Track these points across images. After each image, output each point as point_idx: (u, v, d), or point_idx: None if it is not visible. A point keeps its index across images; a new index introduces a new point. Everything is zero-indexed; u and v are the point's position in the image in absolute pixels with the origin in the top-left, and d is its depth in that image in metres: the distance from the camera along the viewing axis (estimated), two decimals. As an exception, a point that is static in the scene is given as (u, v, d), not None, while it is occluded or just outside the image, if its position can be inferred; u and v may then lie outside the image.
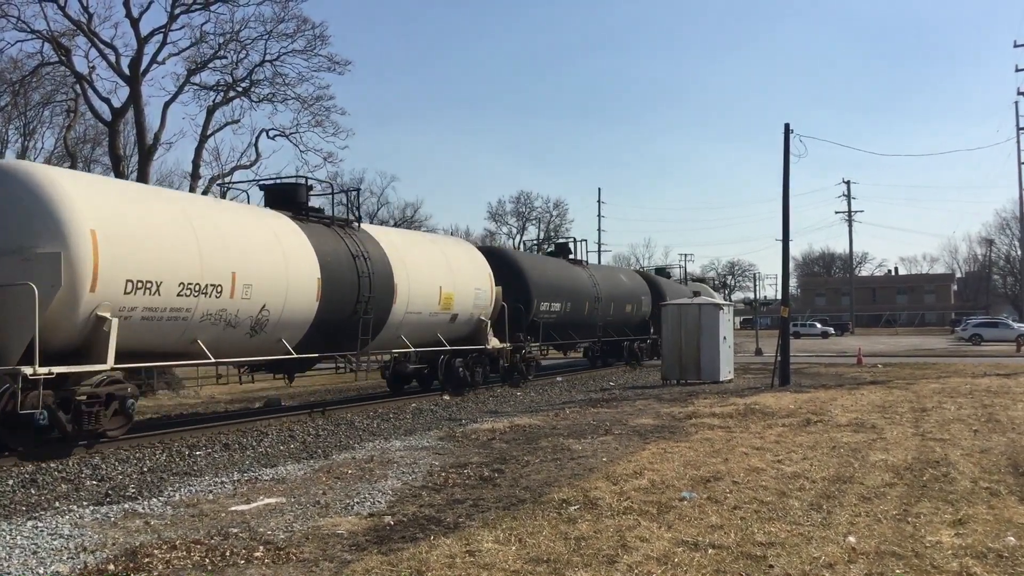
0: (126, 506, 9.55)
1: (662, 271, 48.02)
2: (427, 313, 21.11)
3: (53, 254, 12.26)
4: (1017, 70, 67.67)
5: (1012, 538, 7.61)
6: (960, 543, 7.47)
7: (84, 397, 12.75)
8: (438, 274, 21.63)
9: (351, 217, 20.44)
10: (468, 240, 49.33)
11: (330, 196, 20.60)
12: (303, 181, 19.85)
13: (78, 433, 12.97)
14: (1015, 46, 66.73)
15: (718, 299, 45.43)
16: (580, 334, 31.59)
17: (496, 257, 26.36)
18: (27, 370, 11.79)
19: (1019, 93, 67.80)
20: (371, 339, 19.10)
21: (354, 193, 21.72)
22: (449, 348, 22.28)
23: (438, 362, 22.39)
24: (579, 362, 38.58)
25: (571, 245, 34.60)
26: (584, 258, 35.46)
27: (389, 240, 20.75)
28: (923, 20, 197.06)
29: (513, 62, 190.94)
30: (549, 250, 34.19)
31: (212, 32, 39.27)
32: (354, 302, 18.29)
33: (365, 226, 20.62)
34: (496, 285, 24.43)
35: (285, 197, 18.78)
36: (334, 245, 18.12)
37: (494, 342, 24.13)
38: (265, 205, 18.73)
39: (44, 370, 11.97)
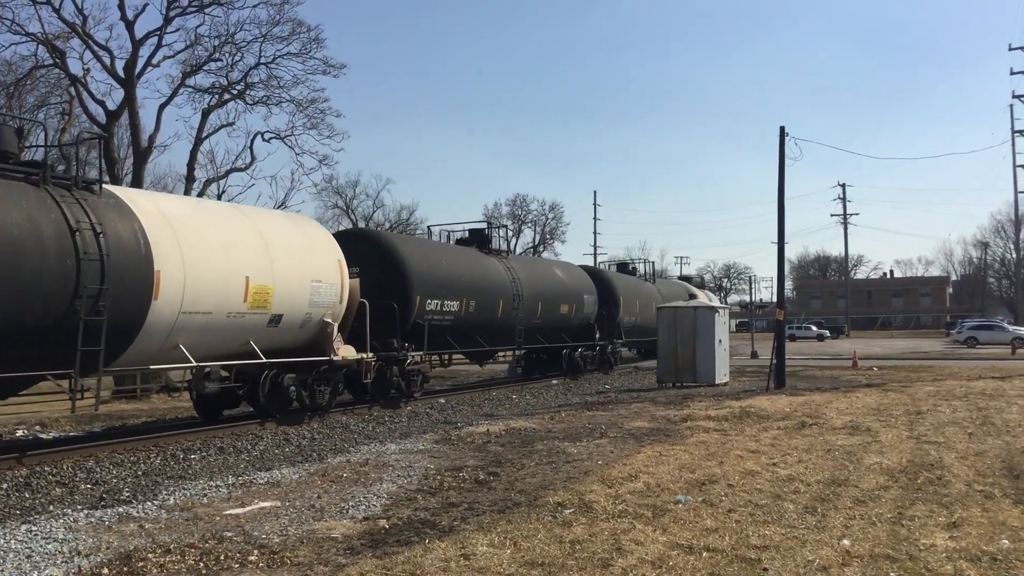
0: (120, 510, 9.53)
1: (624, 267, 42.00)
2: (224, 314, 15.04)
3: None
4: (1012, 73, 68.06)
5: (1006, 541, 7.63)
6: (954, 546, 7.48)
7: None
8: (246, 259, 15.60)
9: (92, 177, 14.50)
10: None
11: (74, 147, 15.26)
12: None
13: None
14: (1010, 49, 67.15)
15: (702, 296, 45.09)
16: (493, 340, 25.42)
17: (357, 240, 21.00)
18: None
19: (1014, 96, 68.17)
20: (106, 352, 13.02)
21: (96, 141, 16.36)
22: (270, 361, 16.45)
23: (260, 380, 16.57)
24: (500, 377, 32.14)
25: (489, 231, 27.65)
26: (506, 247, 29.79)
27: (155, 210, 14.38)
28: (918, 23, 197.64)
29: (509, 64, 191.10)
30: (462, 236, 27.25)
31: (207, 35, 39.26)
32: (69, 298, 12.40)
33: (116, 188, 14.90)
34: (353, 277, 18.92)
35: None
36: (28, 212, 12.21)
37: (345, 351, 18.31)
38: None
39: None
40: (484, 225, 28.45)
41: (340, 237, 19.91)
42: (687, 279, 54.93)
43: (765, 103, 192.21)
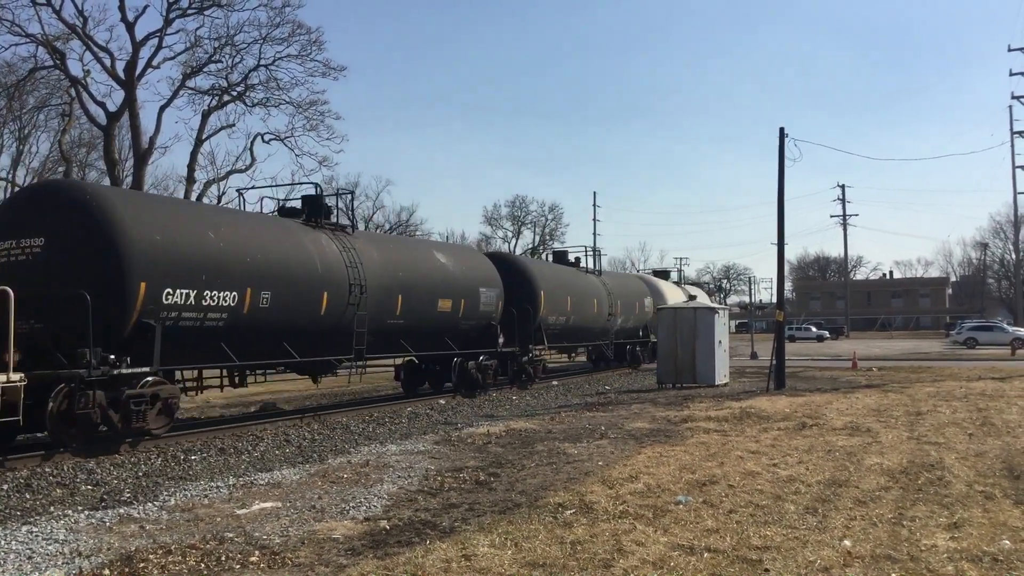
0: (121, 511, 9.53)
1: (562, 257, 33.23)
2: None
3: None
4: (1012, 74, 68.11)
5: (1007, 541, 7.63)
6: (955, 546, 7.48)
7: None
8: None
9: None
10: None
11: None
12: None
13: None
14: (1010, 50, 67.09)
15: (673, 293, 40.83)
16: (316, 346, 18.09)
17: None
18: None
19: (1014, 97, 68.22)
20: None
21: None
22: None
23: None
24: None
25: (325, 199, 19.93)
26: (351, 220, 22.28)
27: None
28: (917, 24, 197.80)
29: (508, 65, 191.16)
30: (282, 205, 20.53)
31: (207, 37, 39.35)
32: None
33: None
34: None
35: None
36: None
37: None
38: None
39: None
40: (318, 191, 20.21)
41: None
42: (662, 273, 47.99)
43: (764, 104, 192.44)
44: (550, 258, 34.72)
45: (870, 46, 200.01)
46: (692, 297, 41.41)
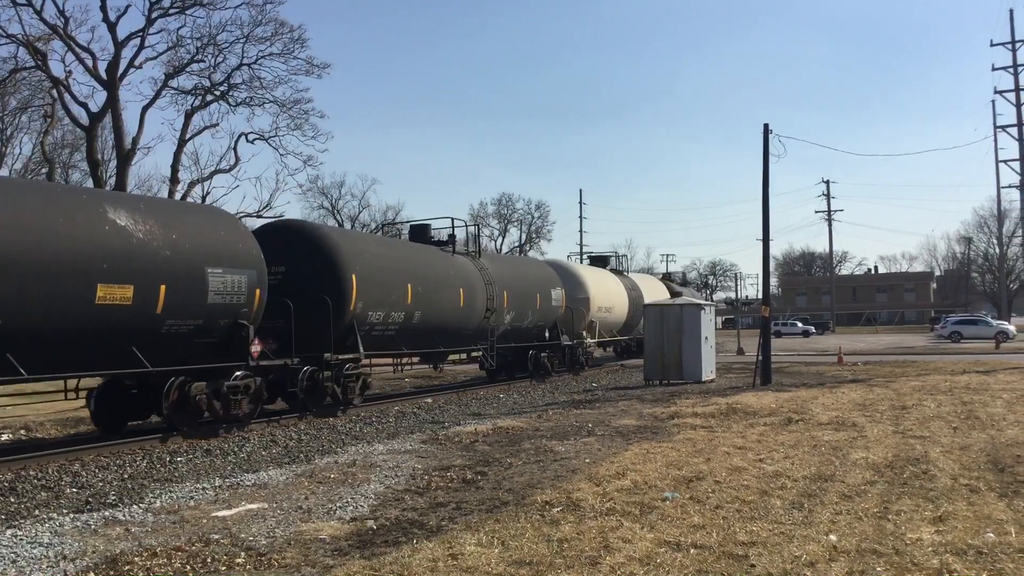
0: (106, 513, 9.48)
1: (422, 234, 25.65)
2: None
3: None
4: (994, 69, 68.40)
5: (991, 534, 7.67)
6: (940, 540, 7.52)
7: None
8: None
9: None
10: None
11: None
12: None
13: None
14: (992, 45, 67.55)
15: (594, 284, 33.43)
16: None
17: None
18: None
19: (996, 92, 68.49)
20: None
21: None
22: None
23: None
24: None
25: None
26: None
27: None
28: (901, 20, 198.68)
29: (494, 63, 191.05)
30: None
31: (189, 36, 39.23)
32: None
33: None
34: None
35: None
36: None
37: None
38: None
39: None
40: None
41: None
42: (600, 260, 41.09)
43: (749, 101, 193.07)
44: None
45: (855, 43, 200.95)
46: (633, 288, 38.05)
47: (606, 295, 34.79)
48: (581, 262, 41.20)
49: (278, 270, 17.87)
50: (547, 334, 29.57)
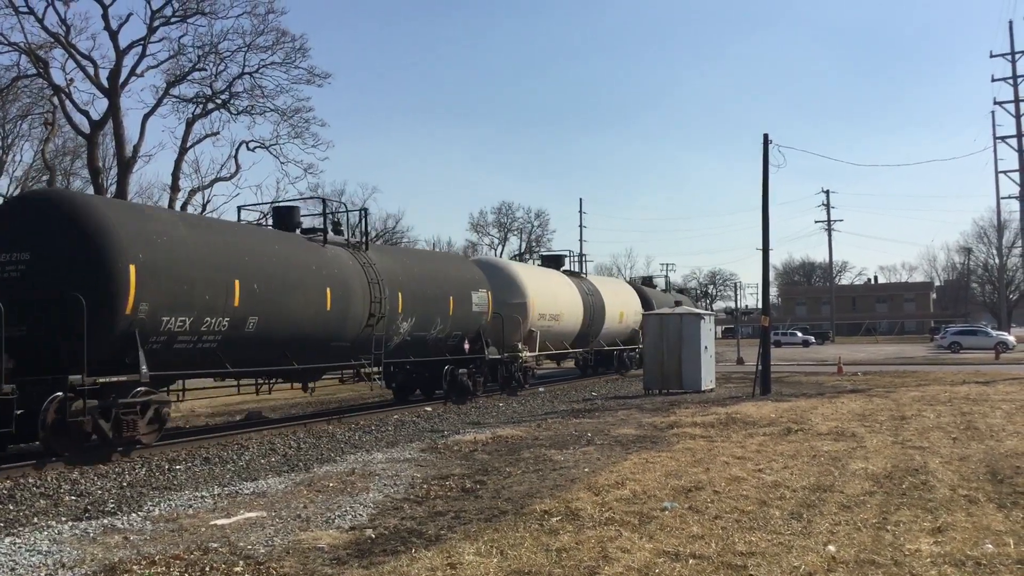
0: (105, 521, 9.48)
1: (285, 217, 20.12)
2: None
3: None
4: (994, 80, 68.50)
5: (990, 545, 7.66)
6: (939, 551, 7.51)
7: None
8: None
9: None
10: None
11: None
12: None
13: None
14: (991, 56, 67.57)
15: (536, 286, 28.22)
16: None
17: None
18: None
19: (996, 103, 68.55)
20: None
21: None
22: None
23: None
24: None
25: None
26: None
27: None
28: (901, 31, 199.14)
29: (494, 72, 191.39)
30: None
31: (191, 45, 39.24)
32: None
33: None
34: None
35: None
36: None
37: None
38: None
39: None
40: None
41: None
42: (553, 260, 35.69)
43: (749, 110, 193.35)
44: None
45: (854, 52, 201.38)
46: (592, 293, 33.43)
47: (552, 300, 29.42)
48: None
49: (19, 258, 13.55)
50: (467, 346, 24.02)
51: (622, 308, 36.96)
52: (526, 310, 27.21)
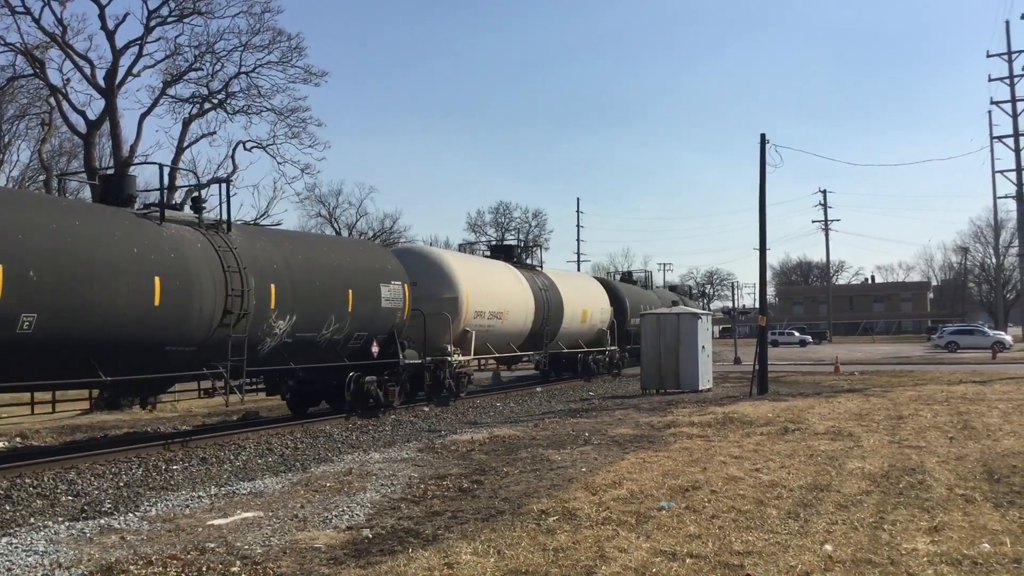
0: (102, 521, 9.47)
1: (113, 189, 15.91)
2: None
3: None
4: (990, 80, 68.52)
5: (987, 545, 7.67)
6: (936, 550, 7.51)
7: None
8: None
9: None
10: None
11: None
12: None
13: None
14: (988, 56, 67.60)
15: (442, 273, 23.65)
16: None
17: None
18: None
19: (992, 102, 68.60)
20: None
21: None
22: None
23: None
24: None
25: None
26: None
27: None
28: (898, 31, 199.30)
29: (492, 73, 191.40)
30: None
31: (187, 44, 39.12)
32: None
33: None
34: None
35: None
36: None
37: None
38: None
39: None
40: None
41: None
42: (504, 250, 32.03)
43: (747, 110, 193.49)
44: None
45: (851, 53, 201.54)
46: (547, 288, 29.96)
47: (493, 295, 25.68)
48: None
49: None
50: (375, 349, 20.19)
51: (586, 306, 33.32)
52: (458, 306, 23.41)
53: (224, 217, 16.57)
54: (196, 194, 16.80)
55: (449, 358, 23.07)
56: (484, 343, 25.44)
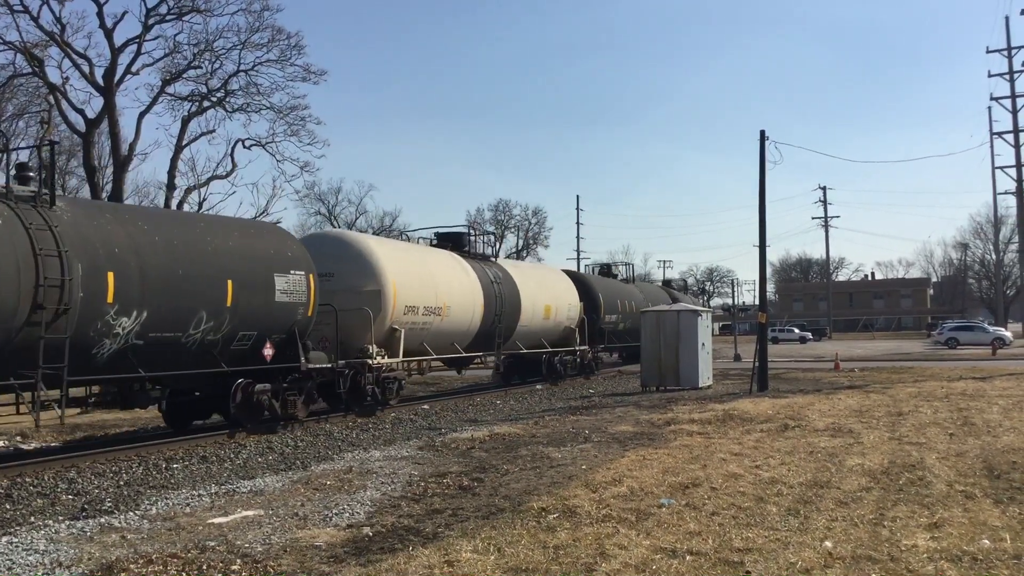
0: (102, 520, 9.47)
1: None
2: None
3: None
4: (990, 75, 68.41)
5: (987, 541, 7.68)
6: (935, 546, 7.52)
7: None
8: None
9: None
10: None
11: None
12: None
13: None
14: (988, 52, 67.50)
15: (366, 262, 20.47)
16: None
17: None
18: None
19: (992, 98, 68.53)
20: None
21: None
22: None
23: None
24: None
25: None
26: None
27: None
28: (898, 28, 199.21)
29: (492, 71, 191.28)
30: None
31: (186, 42, 39.15)
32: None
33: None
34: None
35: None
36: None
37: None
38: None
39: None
40: None
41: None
42: (452, 238, 27.30)
43: (746, 107, 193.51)
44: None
45: (851, 50, 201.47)
46: (499, 281, 26.57)
47: (429, 288, 22.44)
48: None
49: None
50: (268, 351, 16.66)
51: (549, 301, 30.02)
52: (382, 300, 20.23)
53: (44, 190, 13.39)
54: (19, 161, 14.12)
55: (370, 361, 19.83)
56: (419, 343, 22.27)
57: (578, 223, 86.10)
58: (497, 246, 30.97)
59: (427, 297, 22.22)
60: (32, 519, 9.68)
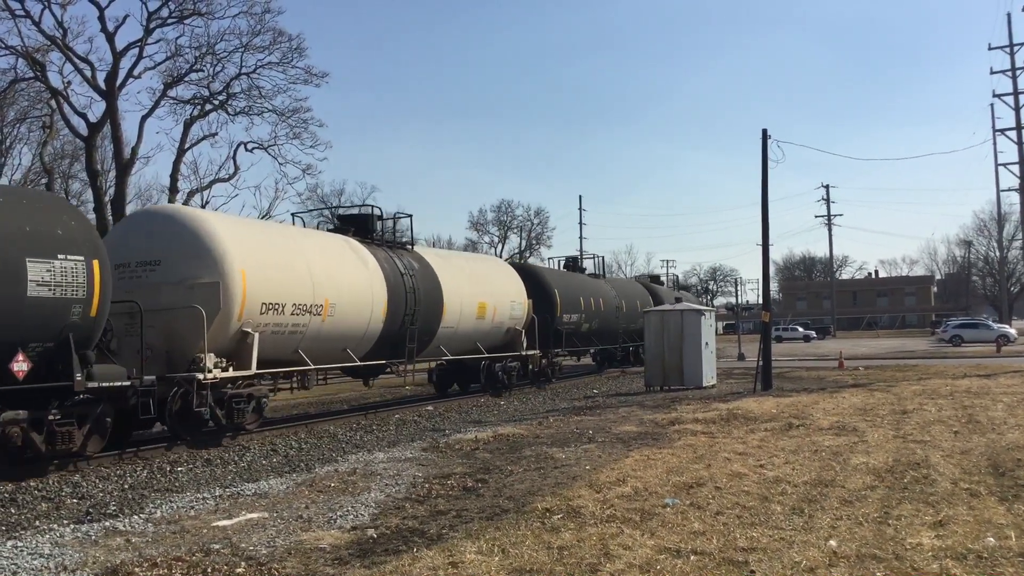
0: (107, 524, 9.48)
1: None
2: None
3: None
4: (992, 72, 68.43)
5: (992, 539, 7.66)
6: (940, 545, 7.51)
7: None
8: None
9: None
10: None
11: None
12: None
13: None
14: (990, 48, 67.55)
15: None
16: None
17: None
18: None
19: (995, 95, 68.46)
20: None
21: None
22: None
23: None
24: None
25: None
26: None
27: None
28: (900, 25, 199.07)
29: (494, 71, 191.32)
30: None
31: (187, 46, 39.18)
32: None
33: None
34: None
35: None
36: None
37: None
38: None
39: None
40: None
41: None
42: (357, 220, 22.32)
43: (749, 106, 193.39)
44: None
45: (854, 48, 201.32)
46: (410, 272, 21.33)
47: (302, 280, 17.46)
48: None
49: None
50: (19, 367, 11.83)
51: (485, 298, 24.94)
52: (222, 296, 15.31)
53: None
54: None
55: (200, 376, 14.79)
56: (292, 350, 17.47)
57: (580, 223, 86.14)
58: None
59: (298, 293, 17.17)
60: (37, 523, 9.69)
